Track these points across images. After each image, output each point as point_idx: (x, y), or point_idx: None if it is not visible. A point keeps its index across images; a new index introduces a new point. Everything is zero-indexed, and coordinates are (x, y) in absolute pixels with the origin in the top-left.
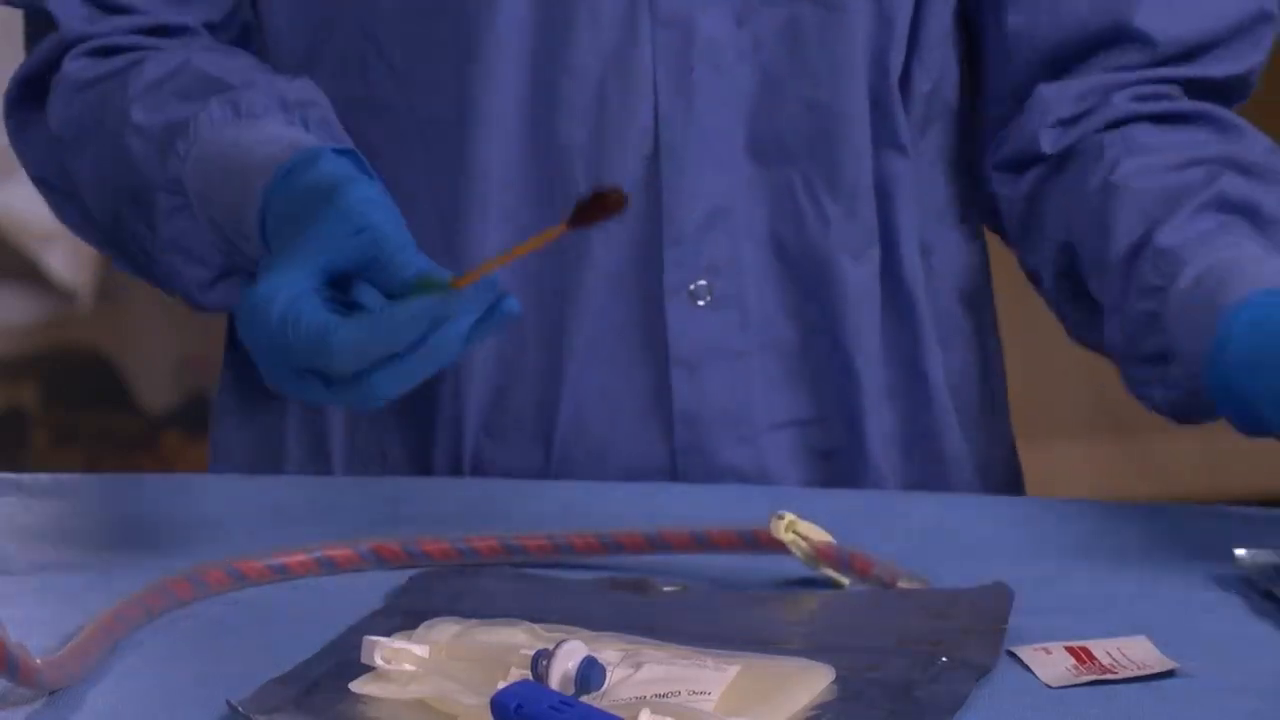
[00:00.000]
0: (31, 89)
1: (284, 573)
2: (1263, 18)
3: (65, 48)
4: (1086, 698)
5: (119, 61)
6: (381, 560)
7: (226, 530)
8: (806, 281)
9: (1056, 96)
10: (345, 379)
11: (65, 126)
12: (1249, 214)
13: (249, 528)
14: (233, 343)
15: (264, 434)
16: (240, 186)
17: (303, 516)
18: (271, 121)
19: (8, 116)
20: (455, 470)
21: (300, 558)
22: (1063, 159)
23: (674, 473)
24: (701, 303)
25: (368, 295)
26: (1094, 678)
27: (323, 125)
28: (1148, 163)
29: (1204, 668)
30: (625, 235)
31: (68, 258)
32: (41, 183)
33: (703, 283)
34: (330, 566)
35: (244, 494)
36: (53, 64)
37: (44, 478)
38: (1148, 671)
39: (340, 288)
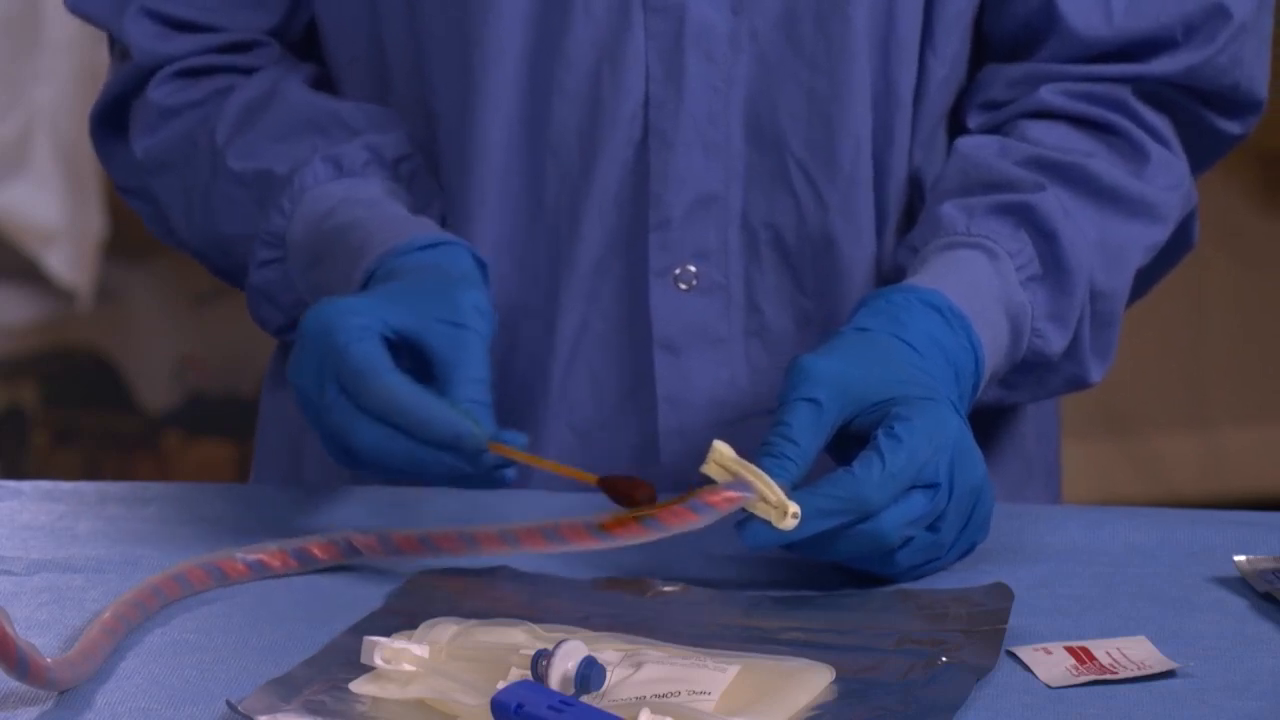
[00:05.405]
0: (114, 114)
1: (261, 570)
2: (1215, 12)
3: (145, 72)
4: (1086, 698)
5: (203, 89)
6: (355, 550)
7: (221, 533)
8: (803, 269)
9: (992, 78)
10: (350, 409)
11: (149, 153)
12: (1047, 239)
13: (247, 530)
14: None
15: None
16: (353, 261)
17: (282, 521)
18: (376, 181)
19: (93, 140)
20: None
21: (275, 551)
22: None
23: (657, 454)
24: (684, 287)
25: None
26: (1094, 678)
27: (419, 179)
28: (1008, 146)
29: (1204, 668)
30: (614, 218)
31: (68, 258)
32: (128, 194)
33: (691, 268)
34: (306, 559)
35: (239, 500)
36: (133, 89)
37: (44, 485)
38: (1148, 671)
39: (400, 347)
